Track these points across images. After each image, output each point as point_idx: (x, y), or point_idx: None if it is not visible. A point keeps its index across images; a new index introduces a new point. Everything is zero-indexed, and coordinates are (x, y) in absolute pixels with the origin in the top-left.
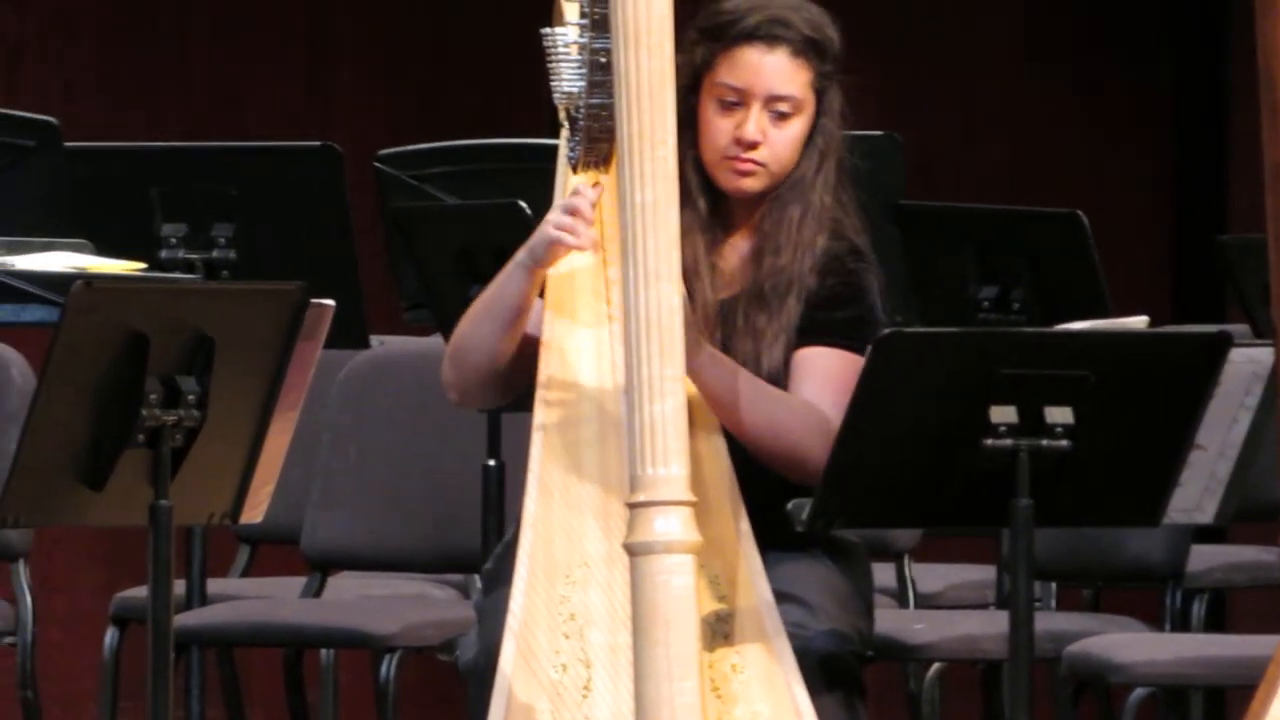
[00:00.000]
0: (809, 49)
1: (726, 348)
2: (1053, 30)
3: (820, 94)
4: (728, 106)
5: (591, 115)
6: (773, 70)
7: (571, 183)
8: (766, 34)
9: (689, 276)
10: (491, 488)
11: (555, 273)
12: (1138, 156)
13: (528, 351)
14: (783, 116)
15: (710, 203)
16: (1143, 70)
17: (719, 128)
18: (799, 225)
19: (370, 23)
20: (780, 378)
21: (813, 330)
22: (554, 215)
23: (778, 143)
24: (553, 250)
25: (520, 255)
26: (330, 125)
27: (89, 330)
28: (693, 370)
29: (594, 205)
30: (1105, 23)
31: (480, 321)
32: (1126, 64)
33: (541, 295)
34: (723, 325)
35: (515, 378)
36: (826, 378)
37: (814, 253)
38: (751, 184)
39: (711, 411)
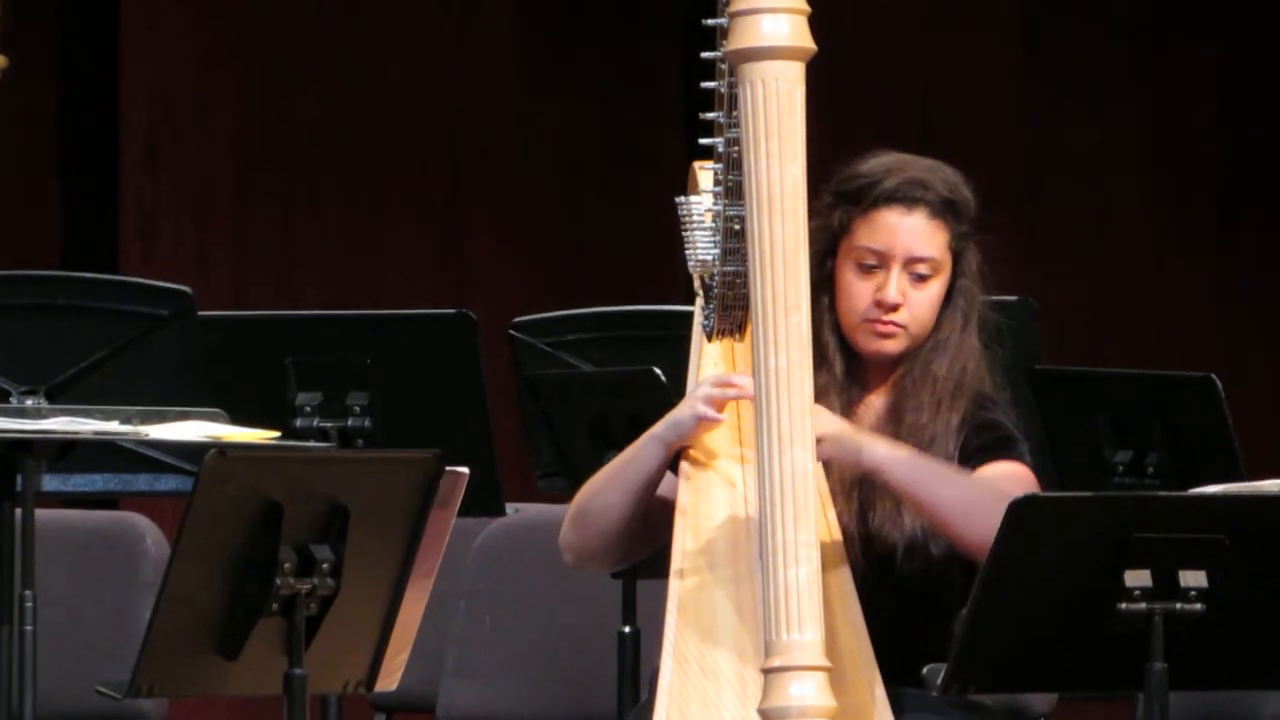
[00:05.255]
0: (946, 210)
1: (868, 504)
2: (1182, 192)
3: (957, 255)
4: (867, 269)
5: (726, 283)
6: (912, 232)
7: (706, 351)
8: (905, 196)
9: None
10: (627, 655)
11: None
12: (1272, 317)
13: (651, 518)
14: (922, 278)
15: (846, 364)
16: (1270, 236)
17: (858, 291)
18: (942, 383)
19: (504, 191)
20: (924, 534)
21: (968, 461)
22: (701, 391)
23: (918, 304)
24: (700, 428)
25: (659, 429)
26: (465, 292)
27: (223, 499)
28: (879, 465)
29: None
30: (1238, 188)
31: (608, 490)
32: (1262, 228)
33: (674, 464)
34: (861, 484)
35: (635, 544)
36: (996, 475)
37: (959, 416)
38: (892, 346)
39: (904, 500)
